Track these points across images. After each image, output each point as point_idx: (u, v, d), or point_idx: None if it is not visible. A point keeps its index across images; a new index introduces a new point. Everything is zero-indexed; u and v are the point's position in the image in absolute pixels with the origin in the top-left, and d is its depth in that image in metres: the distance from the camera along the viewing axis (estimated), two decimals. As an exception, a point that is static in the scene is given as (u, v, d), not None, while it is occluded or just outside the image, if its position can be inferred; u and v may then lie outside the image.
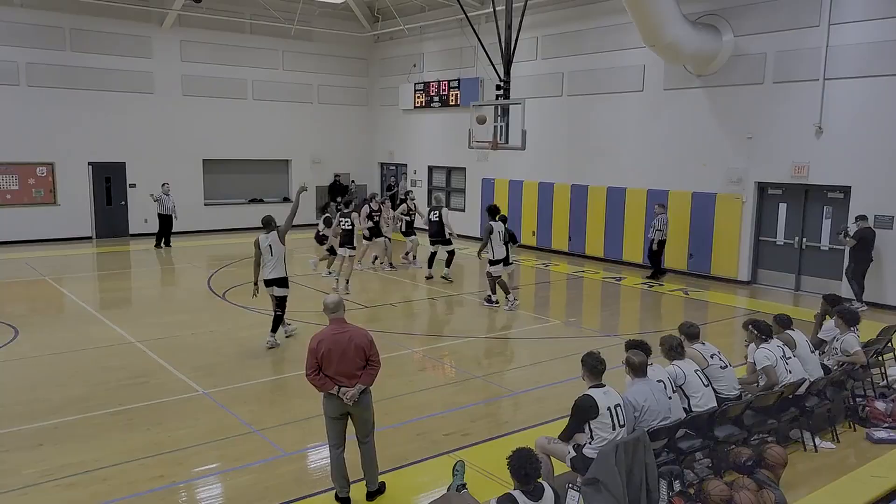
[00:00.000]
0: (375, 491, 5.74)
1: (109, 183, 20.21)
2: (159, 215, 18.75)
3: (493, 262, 12.33)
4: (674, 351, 6.23)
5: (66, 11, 18.85)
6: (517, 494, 4.33)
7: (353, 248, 13.64)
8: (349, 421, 5.64)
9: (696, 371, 6.20)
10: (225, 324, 11.26)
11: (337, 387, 5.43)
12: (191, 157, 21.37)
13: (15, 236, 18.71)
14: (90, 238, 19.96)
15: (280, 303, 9.85)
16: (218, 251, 18.47)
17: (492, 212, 12.87)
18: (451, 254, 15.05)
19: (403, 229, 16.54)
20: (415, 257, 16.46)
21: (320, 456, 6.55)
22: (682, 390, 6.10)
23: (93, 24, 19.28)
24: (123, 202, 20.45)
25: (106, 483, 5.88)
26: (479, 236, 20.33)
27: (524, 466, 4.34)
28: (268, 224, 9.85)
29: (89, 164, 19.86)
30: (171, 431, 6.98)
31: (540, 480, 4.45)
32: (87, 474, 6.02)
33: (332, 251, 14.57)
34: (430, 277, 14.94)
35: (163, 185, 19.01)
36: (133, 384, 8.35)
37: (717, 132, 15.09)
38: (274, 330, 9.91)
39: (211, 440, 6.78)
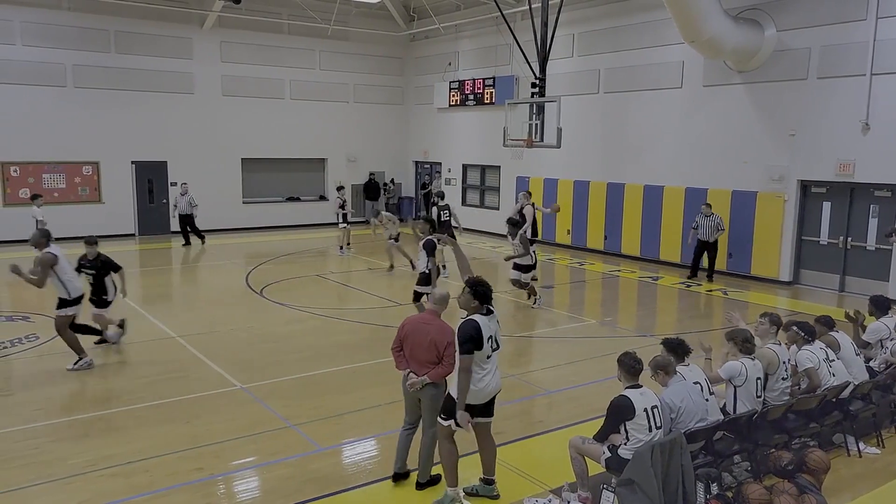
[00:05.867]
0: (425, 483, 5.78)
1: (151, 182, 20.71)
2: (179, 216, 18.91)
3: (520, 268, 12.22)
4: (748, 343, 6.08)
5: (111, 14, 19.34)
6: (477, 317, 5.28)
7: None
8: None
9: (758, 379, 6.03)
10: (262, 320, 11.43)
11: (408, 370, 5.64)
12: (230, 156, 21.76)
13: (61, 233, 19.11)
14: (133, 235, 20.48)
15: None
16: (256, 248, 18.76)
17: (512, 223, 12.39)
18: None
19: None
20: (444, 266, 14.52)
21: (355, 451, 6.62)
22: (736, 390, 5.96)
23: (136, 27, 19.76)
24: (165, 200, 20.91)
25: (147, 474, 6.02)
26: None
27: (484, 288, 5.35)
28: None
29: (132, 163, 20.37)
30: (210, 425, 7.12)
31: (491, 307, 5.40)
32: (130, 465, 6.18)
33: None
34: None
35: (181, 184, 19.27)
36: (173, 378, 8.54)
37: (758, 129, 14.76)
38: None
39: (248, 434, 6.89)
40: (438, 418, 5.45)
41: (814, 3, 13.62)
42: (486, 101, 21.15)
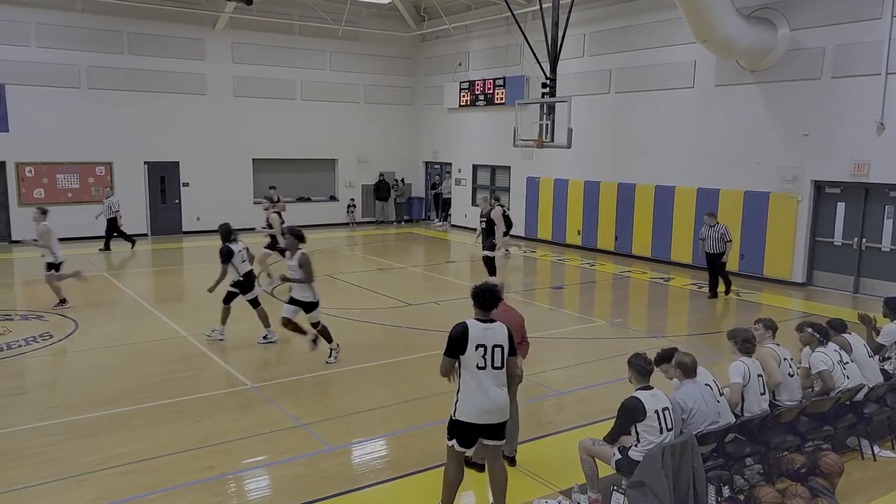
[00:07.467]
0: (511, 458, 6.09)
1: (164, 182, 20.84)
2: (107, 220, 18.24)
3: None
4: (748, 343, 6.06)
5: (123, 16, 19.49)
6: (469, 321, 4.98)
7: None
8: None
9: (759, 376, 6.00)
10: (272, 319, 11.43)
11: None
12: (241, 156, 21.87)
13: (75, 233, 19.43)
14: (146, 235, 20.59)
15: None
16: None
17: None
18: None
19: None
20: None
21: (364, 451, 6.63)
22: (742, 390, 5.92)
23: (149, 28, 19.90)
24: (177, 200, 21.05)
25: (158, 472, 6.05)
26: (522, 235, 20.26)
27: (488, 294, 4.98)
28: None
29: (145, 163, 20.51)
30: (220, 424, 7.14)
31: (494, 318, 5.05)
32: (141, 463, 6.21)
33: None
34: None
35: (105, 188, 18.91)
36: (184, 377, 8.58)
37: (771, 129, 14.65)
38: None
39: (258, 433, 6.91)
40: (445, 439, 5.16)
41: (828, 2, 13.49)
42: (496, 102, 21.13)
